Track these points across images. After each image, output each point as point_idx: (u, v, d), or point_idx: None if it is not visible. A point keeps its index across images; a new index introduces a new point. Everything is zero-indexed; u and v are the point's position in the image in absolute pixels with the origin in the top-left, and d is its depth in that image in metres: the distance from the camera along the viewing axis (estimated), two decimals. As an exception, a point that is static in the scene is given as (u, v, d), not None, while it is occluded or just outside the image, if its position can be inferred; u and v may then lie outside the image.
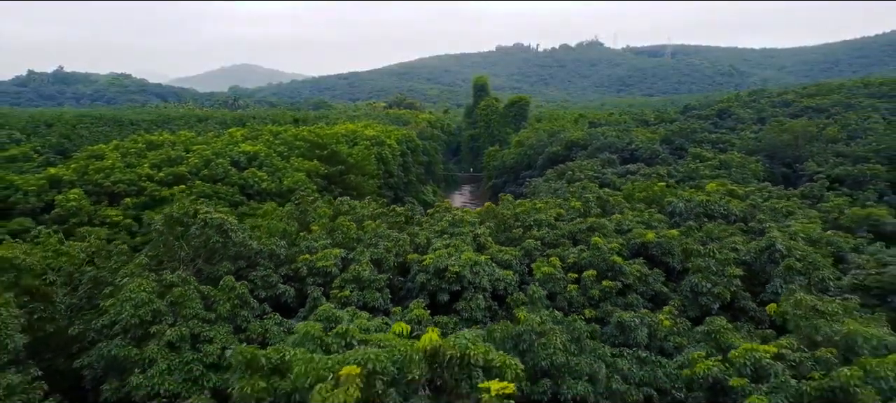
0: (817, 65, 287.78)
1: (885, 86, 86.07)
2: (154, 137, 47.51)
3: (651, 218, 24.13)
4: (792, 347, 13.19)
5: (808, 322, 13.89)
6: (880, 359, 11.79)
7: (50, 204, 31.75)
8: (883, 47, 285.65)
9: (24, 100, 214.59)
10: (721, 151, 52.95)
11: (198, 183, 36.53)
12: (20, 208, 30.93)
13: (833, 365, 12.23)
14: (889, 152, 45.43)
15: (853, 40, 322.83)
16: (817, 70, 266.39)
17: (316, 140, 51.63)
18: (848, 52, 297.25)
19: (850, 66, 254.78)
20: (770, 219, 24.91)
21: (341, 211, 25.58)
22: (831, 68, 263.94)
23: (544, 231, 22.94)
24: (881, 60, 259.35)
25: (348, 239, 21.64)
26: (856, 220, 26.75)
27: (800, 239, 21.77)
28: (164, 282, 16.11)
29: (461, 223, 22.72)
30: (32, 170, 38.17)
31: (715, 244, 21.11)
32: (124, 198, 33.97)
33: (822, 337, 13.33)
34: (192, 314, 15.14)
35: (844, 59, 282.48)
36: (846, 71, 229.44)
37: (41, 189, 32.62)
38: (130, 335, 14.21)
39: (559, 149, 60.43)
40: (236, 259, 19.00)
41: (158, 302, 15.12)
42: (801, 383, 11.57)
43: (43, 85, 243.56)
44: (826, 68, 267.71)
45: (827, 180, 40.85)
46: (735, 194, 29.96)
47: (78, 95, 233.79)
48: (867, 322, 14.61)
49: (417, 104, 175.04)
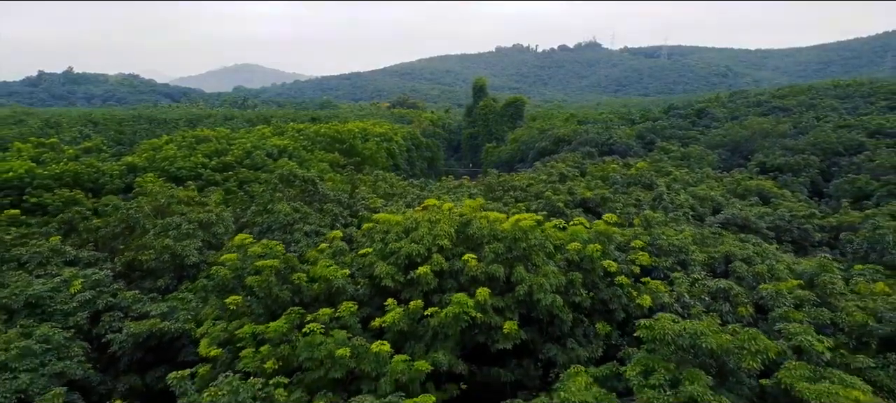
0: (811, 65, 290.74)
1: (850, 88, 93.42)
2: (198, 133, 55.04)
3: (596, 185, 32.12)
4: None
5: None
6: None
7: (129, 185, 38.71)
8: (874, 48, 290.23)
9: (37, 100, 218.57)
10: (685, 146, 60.48)
11: (242, 170, 43.93)
12: (108, 188, 37.88)
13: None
14: (823, 145, 53.18)
15: (847, 41, 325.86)
16: (811, 70, 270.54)
17: (335, 135, 59.08)
18: (841, 52, 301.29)
19: (843, 67, 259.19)
20: (681, 186, 33.48)
21: (378, 180, 34.21)
22: (824, 69, 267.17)
23: (517, 193, 31.13)
24: (872, 61, 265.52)
25: (386, 194, 30.01)
26: (749, 189, 35.16)
27: (682, 192, 30.45)
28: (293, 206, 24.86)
29: (461, 188, 30.74)
30: (108, 159, 45.62)
31: (625, 196, 29.83)
32: (186, 181, 41.22)
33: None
34: (312, 221, 23.63)
35: (837, 60, 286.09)
36: (838, 71, 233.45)
37: (121, 173, 39.82)
38: (284, 228, 22.29)
39: (548, 144, 67.91)
40: (321, 201, 27.22)
41: (294, 214, 23.55)
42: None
43: (54, 85, 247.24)
44: (819, 69, 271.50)
45: (759, 167, 48.99)
46: (663, 171, 38.37)
47: (88, 95, 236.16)
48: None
49: (420, 104, 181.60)
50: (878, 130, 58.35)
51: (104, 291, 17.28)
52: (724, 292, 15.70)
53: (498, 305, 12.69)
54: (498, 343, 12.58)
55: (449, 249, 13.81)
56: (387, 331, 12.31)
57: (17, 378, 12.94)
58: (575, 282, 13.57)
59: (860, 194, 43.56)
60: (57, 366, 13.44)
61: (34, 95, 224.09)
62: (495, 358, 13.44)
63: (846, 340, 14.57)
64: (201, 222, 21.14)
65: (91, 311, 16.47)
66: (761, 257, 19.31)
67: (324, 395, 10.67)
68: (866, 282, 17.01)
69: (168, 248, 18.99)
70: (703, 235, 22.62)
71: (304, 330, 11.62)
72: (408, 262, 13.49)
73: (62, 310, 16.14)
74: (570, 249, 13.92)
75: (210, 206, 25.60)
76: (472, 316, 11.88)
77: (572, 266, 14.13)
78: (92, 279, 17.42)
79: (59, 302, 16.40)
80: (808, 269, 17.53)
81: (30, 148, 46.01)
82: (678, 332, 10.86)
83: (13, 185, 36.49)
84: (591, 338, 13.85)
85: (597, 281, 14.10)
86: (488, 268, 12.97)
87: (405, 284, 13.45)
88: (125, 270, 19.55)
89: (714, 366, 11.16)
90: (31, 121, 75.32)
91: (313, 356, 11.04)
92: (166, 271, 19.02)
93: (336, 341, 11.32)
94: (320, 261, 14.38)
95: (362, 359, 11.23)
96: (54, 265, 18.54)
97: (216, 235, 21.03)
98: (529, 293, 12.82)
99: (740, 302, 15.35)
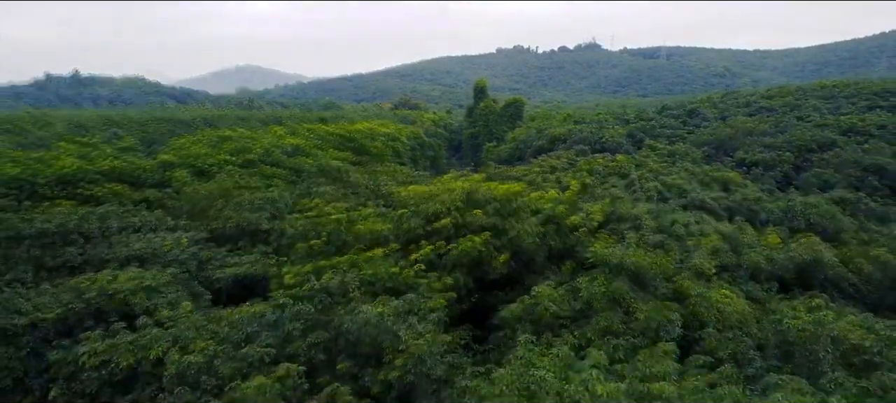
0: (808, 66, 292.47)
1: (836, 89, 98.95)
2: (221, 132, 60.71)
3: (581, 176, 37.96)
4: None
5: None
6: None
7: (163, 181, 43.67)
8: (870, 49, 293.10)
9: (45, 102, 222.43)
10: (672, 144, 66.30)
11: (263, 167, 49.17)
12: (148, 182, 42.89)
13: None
14: (798, 142, 59.09)
15: (844, 42, 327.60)
16: (808, 71, 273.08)
17: (345, 134, 64.79)
18: (838, 53, 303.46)
19: (839, 68, 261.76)
20: (653, 175, 39.37)
21: (394, 171, 40.58)
22: (821, 69, 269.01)
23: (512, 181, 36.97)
24: (868, 61, 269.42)
25: (402, 182, 36.23)
26: (715, 179, 41.06)
27: (652, 180, 36.35)
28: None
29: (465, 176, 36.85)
30: (143, 156, 51.18)
31: (603, 183, 35.84)
32: (216, 176, 46.11)
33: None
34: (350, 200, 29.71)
35: (834, 61, 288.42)
36: (835, 72, 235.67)
37: (156, 169, 45.21)
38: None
39: (545, 143, 73.76)
40: (353, 187, 32.99)
41: (335, 193, 29.68)
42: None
43: (61, 87, 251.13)
44: (816, 69, 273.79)
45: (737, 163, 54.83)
46: (642, 164, 44.33)
47: (95, 97, 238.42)
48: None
49: (422, 105, 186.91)
50: (851, 128, 64.12)
51: (203, 247, 23.34)
52: (660, 243, 21.62)
53: (495, 244, 18.61)
54: (495, 271, 18.53)
55: (461, 208, 19.76)
56: (420, 262, 18.26)
57: (167, 296, 18.94)
58: (549, 232, 19.51)
59: (824, 186, 49.52)
60: (194, 289, 19.48)
61: (42, 97, 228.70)
62: (493, 285, 19.38)
63: (744, 275, 20.52)
64: (268, 198, 27.15)
65: (197, 260, 22.49)
66: (698, 224, 25.26)
67: (381, 296, 16.63)
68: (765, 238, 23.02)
69: (245, 218, 25.01)
70: (660, 210, 28.58)
71: (365, 257, 17.60)
72: (432, 216, 19.45)
73: (178, 259, 22.16)
74: (545, 208, 19.88)
75: (272, 188, 31.70)
76: (479, 249, 17.80)
77: (547, 221, 20.07)
78: (193, 239, 23.48)
79: (174, 254, 22.43)
80: (729, 230, 23.47)
81: (75, 147, 51.84)
82: (612, 255, 16.82)
83: (68, 180, 42.06)
84: (559, 272, 19.80)
85: (565, 232, 20.04)
86: (488, 220, 18.89)
87: (430, 233, 19.40)
88: (210, 236, 25.55)
89: (636, 280, 17.10)
90: (57, 124, 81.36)
91: (375, 273, 16.99)
92: (243, 236, 25.02)
93: (388, 263, 17.31)
94: (369, 219, 20.40)
95: (406, 276, 17.19)
96: (162, 230, 24.60)
97: (278, 209, 26.98)
98: (517, 237, 18.76)
99: (670, 250, 21.28)
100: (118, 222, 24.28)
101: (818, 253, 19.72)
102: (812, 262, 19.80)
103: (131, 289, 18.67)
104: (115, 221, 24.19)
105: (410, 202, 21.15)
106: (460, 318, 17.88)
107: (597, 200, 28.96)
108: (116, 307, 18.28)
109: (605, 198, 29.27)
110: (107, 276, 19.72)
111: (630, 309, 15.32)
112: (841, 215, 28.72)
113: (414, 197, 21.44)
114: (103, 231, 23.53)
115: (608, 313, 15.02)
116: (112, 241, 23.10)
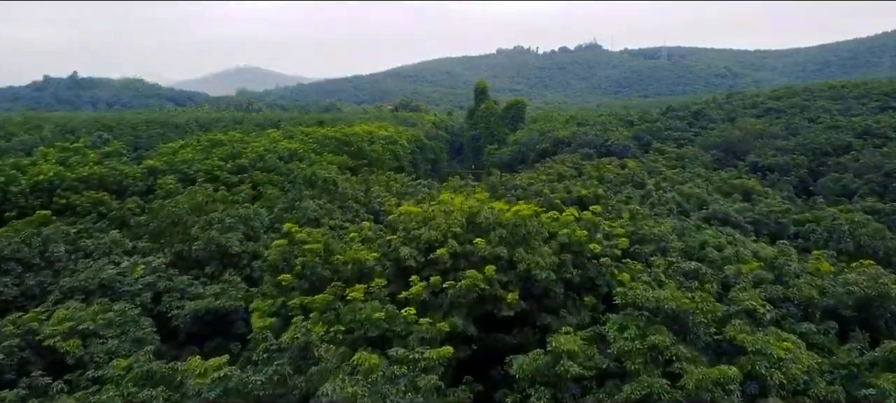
0: (809, 66, 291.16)
1: (845, 89, 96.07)
2: (212, 136, 57.76)
3: (592, 184, 34.89)
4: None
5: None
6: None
7: (150, 188, 40.74)
8: (872, 49, 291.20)
9: (43, 104, 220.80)
10: (680, 147, 63.23)
11: (256, 173, 46.28)
12: (131, 190, 39.96)
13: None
14: (812, 146, 56.01)
15: (845, 42, 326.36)
16: (809, 71, 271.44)
17: (342, 138, 61.86)
18: (839, 53, 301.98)
19: (841, 68, 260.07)
20: (670, 185, 36.33)
21: (390, 180, 37.32)
22: (822, 69, 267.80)
23: (518, 191, 33.85)
24: (869, 61, 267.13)
25: (398, 193, 33.19)
26: (735, 187, 37.96)
27: (669, 190, 33.33)
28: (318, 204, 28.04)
29: (466, 188, 33.59)
30: (128, 162, 48.19)
31: (617, 194, 32.58)
32: (204, 182, 43.21)
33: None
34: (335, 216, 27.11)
35: (835, 61, 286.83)
36: (836, 72, 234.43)
37: (143, 176, 42.16)
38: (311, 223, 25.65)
39: (548, 146, 70.59)
40: (342, 199, 30.28)
41: (319, 210, 27.06)
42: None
43: (59, 89, 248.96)
44: (817, 69, 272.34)
45: (751, 167, 51.77)
46: (655, 171, 41.37)
47: (93, 99, 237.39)
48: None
49: (422, 106, 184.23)
50: (866, 131, 61.16)
51: (162, 276, 20.15)
52: (694, 273, 18.46)
53: (502, 280, 15.47)
54: (502, 311, 15.37)
55: (461, 235, 16.62)
56: (411, 302, 15.09)
57: (106, 342, 15.76)
58: (566, 262, 16.35)
59: (844, 192, 46.51)
60: (137, 333, 16.26)
61: (40, 100, 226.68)
62: (500, 326, 16.22)
63: (795, 310, 17.34)
64: (241, 217, 23.99)
65: (153, 292, 19.31)
66: (732, 245, 22.11)
67: (364, 348, 13.45)
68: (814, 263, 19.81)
69: (213, 240, 21.84)
70: (684, 227, 25.42)
71: (346, 298, 14.41)
72: (427, 246, 16.30)
73: (129, 291, 19.00)
74: (562, 234, 16.72)
75: (246, 204, 28.52)
76: (482, 287, 14.66)
77: (564, 248, 16.92)
78: (151, 266, 20.28)
79: (126, 285, 19.25)
80: (770, 254, 20.31)
81: (55, 152, 48.74)
82: (646, 297, 13.64)
83: (43, 188, 38.94)
84: (579, 309, 16.63)
85: (584, 261, 16.89)
86: (494, 250, 15.77)
87: (425, 264, 16.24)
88: (175, 259, 22.38)
89: (675, 325, 13.93)
90: (47, 127, 78.28)
91: (355, 318, 13.82)
92: (212, 259, 21.86)
93: (372, 308, 14.12)
94: (353, 246, 17.21)
95: (394, 321, 14.00)
96: (116, 254, 21.41)
97: (253, 228, 23.89)
98: (528, 270, 15.60)
99: (707, 280, 18.10)
100: (66, 246, 21.15)
101: (884, 286, 16.60)
102: (876, 297, 16.68)
103: (64, 332, 15.53)
104: (62, 245, 21.02)
105: (402, 225, 17.98)
106: (458, 368, 14.79)
107: (613, 214, 25.85)
108: (44, 354, 15.18)
109: (622, 212, 26.11)
110: (39, 315, 16.59)
111: (673, 369, 12.17)
112: (890, 233, 25.53)
113: (407, 219, 18.27)
114: (47, 256, 20.39)
115: (646, 376, 11.86)
116: (56, 268, 19.99)
